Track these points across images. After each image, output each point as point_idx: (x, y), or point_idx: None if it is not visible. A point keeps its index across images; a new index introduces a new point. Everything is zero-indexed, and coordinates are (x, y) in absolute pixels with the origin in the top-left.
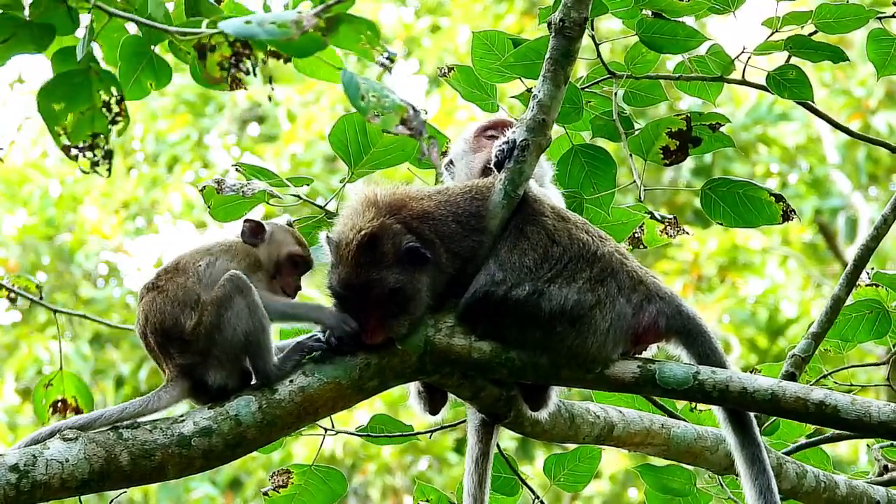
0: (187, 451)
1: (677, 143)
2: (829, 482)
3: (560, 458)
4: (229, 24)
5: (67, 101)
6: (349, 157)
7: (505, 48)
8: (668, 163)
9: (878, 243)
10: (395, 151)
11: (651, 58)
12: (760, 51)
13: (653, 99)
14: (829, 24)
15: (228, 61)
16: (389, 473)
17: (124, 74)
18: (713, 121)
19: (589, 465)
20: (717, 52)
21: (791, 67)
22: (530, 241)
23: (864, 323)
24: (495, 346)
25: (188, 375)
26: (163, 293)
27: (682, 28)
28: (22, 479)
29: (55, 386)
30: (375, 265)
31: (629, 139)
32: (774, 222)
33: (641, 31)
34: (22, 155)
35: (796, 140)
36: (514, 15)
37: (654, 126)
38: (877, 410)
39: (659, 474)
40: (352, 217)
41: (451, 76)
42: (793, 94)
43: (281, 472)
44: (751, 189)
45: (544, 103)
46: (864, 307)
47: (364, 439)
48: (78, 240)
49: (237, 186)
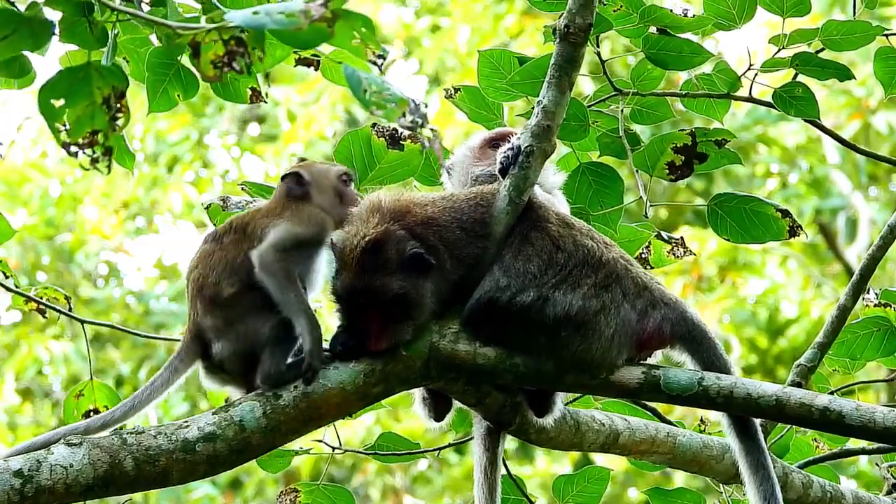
0: (191, 457)
1: (682, 158)
2: (835, 493)
3: (569, 478)
4: (237, 16)
5: (67, 98)
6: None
7: (511, 67)
8: (674, 178)
9: (885, 252)
10: (401, 167)
11: (657, 74)
12: (767, 68)
13: (659, 116)
14: (835, 42)
15: (221, 60)
16: (389, 473)
17: (151, 86)
18: (719, 136)
19: (598, 487)
20: (723, 69)
21: (797, 85)
22: (535, 247)
23: (872, 341)
24: (500, 352)
25: (200, 339)
26: (222, 251)
27: (688, 44)
28: (26, 483)
29: (86, 396)
30: (379, 271)
31: (634, 154)
32: (781, 238)
33: (647, 47)
34: (22, 155)
35: (796, 140)
36: (514, 15)
37: (660, 141)
38: (881, 416)
39: (669, 498)
40: (356, 223)
41: (457, 97)
42: (799, 111)
43: (289, 491)
44: (757, 204)
45: (549, 109)
46: (871, 324)
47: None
48: (78, 240)
49: (242, 203)
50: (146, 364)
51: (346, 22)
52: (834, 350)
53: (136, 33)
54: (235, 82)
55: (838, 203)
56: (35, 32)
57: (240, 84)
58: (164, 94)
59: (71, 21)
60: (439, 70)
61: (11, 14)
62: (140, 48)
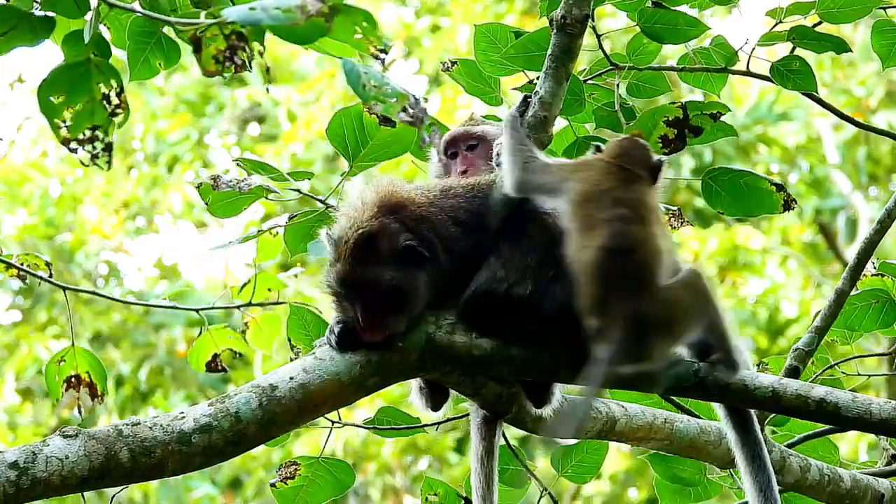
0: (187, 448)
1: (675, 131)
2: (833, 475)
3: (567, 450)
4: (233, 12)
5: (67, 94)
6: (347, 151)
7: (507, 41)
8: (668, 152)
9: (882, 237)
10: (394, 144)
11: (653, 49)
12: (764, 42)
13: (656, 90)
14: (832, 14)
15: (223, 54)
16: (389, 473)
17: (132, 54)
18: (714, 110)
19: (596, 457)
20: (720, 43)
21: (795, 58)
22: (532, 239)
23: (871, 313)
24: (496, 344)
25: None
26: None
27: (683, 17)
28: (22, 475)
29: (68, 362)
30: (372, 263)
31: (627, 129)
32: (775, 211)
33: (642, 21)
34: (22, 155)
35: (796, 140)
36: (515, 15)
37: (651, 115)
38: (878, 408)
39: (669, 464)
40: (351, 214)
41: (453, 70)
42: (797, 84)
43: (288, 464)
44: (752, 179)
45: (545, 100)
46: (870, 297)
47: (371, 432)
48: (78, 240)
49: (233, 182)
50: (146, 364)
51: (346, 16)
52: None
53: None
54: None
55: (838, 203)
56: (34, 28)
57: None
58: (145, 62)
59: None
60: (439, 70)
61: (10, 9)
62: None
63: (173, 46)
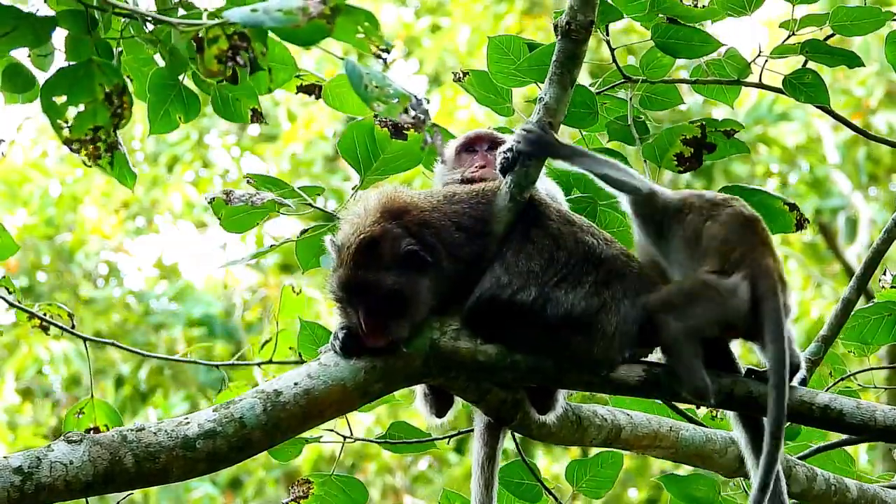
0: (192, 454)
1: (692, 150)
2: (839, 485)
3: (582, 463)
4: (235, 13)
5: (70, 95)
6: (359, 164)
7: (520, 53)
8: (683, 170)
9: (889, 246)
10: (405, 157)
11: (666, 62)
12: (777, 54)
13: (669, 103)
14: (845, 27)
15: (226, 55)
16: (389, 473)
17: (153, 107)
18: (728, 127)
19: (611, 471)
20: (733, 55)
21: (807, 71)
22: (536, 244)
23: (884, 325)
24: (500, 350)
25: None
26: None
27: (697, 33)
28: (26, 481)
29: (87, 414)
30: (374, 267)
31: (644, 146)
32: (789, 231)
33: (657, 35)
34: (22, 155)
35: (796, 140)
36: (515, 15)
37: (669, 133)
38: (882, 415)
39: (683, 483)
40: (354, 220)
41: (465, 81)
42: (809, 97)
43: (301, 482)
44: (765, 198)
45: (550, 106)
46: (883, 309)
47: (382, 447)
48: (78, 240)
49: (245, 197)
50: (146, 365)
51: (348, 17)
52: (845, 334)
53: (140, 53)
54: (237, 102)
55: (838, 203)
56: (35, 29)
57: (241, 104)
58: (165, 115)
59: (75, 39)
60: (439, 70)
61: (11, 10)
62: (143, 67)
63: (193, 99)
